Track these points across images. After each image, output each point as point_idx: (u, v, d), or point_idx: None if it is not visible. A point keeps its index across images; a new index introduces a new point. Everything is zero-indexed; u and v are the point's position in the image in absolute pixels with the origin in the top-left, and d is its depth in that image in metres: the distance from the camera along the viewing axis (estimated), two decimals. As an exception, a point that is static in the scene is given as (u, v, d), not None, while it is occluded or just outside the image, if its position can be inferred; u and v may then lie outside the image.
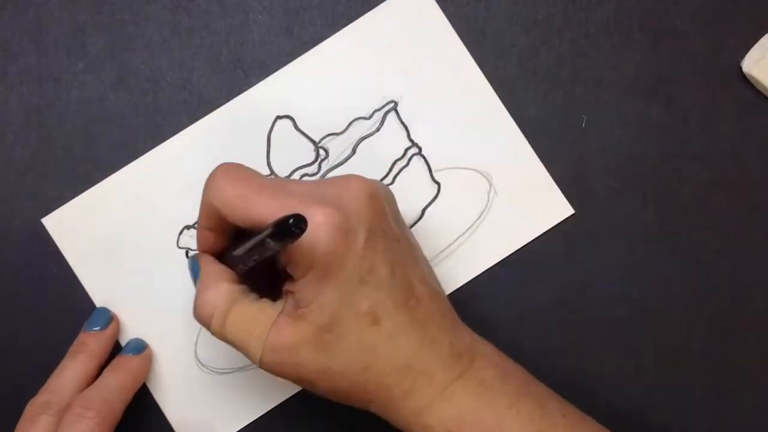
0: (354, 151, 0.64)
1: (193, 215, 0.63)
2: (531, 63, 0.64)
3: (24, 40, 0.64)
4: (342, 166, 0.64)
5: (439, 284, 0.57)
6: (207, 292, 0.55)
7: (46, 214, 0.63)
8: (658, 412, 0.63)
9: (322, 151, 0.64)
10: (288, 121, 0.64)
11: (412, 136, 0.64)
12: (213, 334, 0.55)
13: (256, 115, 0.64)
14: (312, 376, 0.53)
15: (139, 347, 0.63)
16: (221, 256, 0.57)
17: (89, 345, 0.62)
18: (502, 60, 0.64)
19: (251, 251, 0.52)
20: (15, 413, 0.59)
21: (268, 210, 0.51)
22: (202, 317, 0.55)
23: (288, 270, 0.53)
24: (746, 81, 0.64)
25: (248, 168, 0.55)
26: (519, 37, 0.65)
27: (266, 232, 0.48)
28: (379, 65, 0.64)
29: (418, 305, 0.54)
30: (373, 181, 0.54)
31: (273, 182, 0.54)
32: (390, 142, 0.64)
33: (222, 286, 0.55)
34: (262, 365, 0.54)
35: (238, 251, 0.54)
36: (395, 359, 0.53)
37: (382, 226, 0.53)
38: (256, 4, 0.64)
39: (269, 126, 0.64)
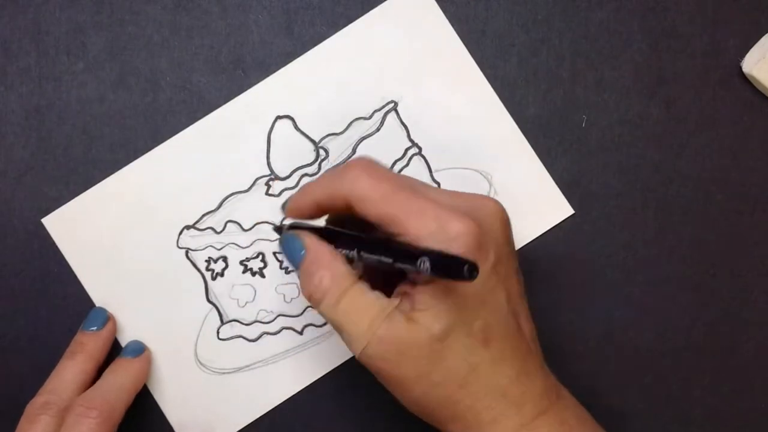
0: (354, 151, 0.64)
1: (192, 215, 0.63)
2: (531, 63, 0.64)
3: (24, 40, 0.64)
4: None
5: (533, 322, 0.57)
6: (324, 269, 0.54)
7: (46, 214, 0.63)
8: (658, 412, 0.63)
9: (322, 151, 0.64)
10: (288, 121, 0.64)
11: (412, 136, 0.64)
12: (322, 311, 0.54)
13: (256, 115, 0.64)
14: (409, 379, 0.53)
15: (138, 349, 0.63)
16: (330, 239, 0.55)
17: (87, 345, 0.62)
18: (502, 60, 0.64)
19: (381, 261, 0.52)
20: (15, 413, 0.59)
21: (405, 212, 0.51)
22: (315, 293, 0.54)
23: (411, 275, 0.52)
24: (746, 81, 0.64)
25: (383, 165, 0.55)
26: (519, 37, 0.65)
27: (425, 261, 0.48)
28: (379, 65, 0.64)
29: (522, 337, 0.54)
30: (504, 207, 0.55)
31: (412, 185, 0.54)
32: (390, 142, 0.64)
33: (340, 266, 0.54)
34: (363, 355, 0.53)
35: (370, 257, 0.53)
36: (494, 384, 0.53)
37: (507, 254, 0.54)
38: (256, 4, 0.64)
39: (269, 126, 0.64)
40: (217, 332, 0.64)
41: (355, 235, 0.55)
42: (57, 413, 0.58)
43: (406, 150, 0.64)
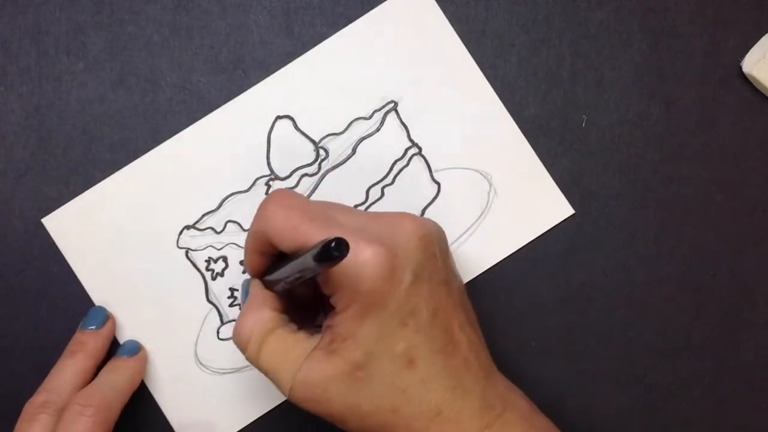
0: (354, 151, 0.64)
1: (192, 215, 0.63)
2: (531, 63, 0.64)
3: (24, 40, 0.64)
4: (342, 166, 0.64)
5: (477, 329, 0.57)
6: (248, 316, 0.55)
7: (46, 214, 0.63)
8: (658, 412, 0.63)
9: (322, 151, 0.64)
10: (288, 121, 0.64)
11: (412, 136, 0.64)
12: (247, 359, 0.55)
13: (256, 115, 0.64)
14: (341, 414, 0.53)
15: (134, 349, 0.63)
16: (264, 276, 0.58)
17: (87, 344, 0.62)
18: (502, 60, 0.64)
19: (293, 270, 0.52)
20: (15, 413, 0.59)
21: (314, 241, 0.51)
22: (239, 341, 0.55)
23: (331, 301, 0.53)
24: (746, 81, 0.64)
25: (300, 197, 0.55)
26: (519, 37, 0.64)
27: (309, 253, 0.48)
28: (379, 65, 0.64)
29: (456, 352, 0.53)
30: (425, 222, 0.54)
31: (324, 213, 0.54)
32: (390, 142, 0.64)
33: (264, 312, 0.55)
34: (291, 398, 0.54)
35: (282, 270, 0.54)
36: (426, 404, 0.52)
37: (430, 270, 0.53)
38: (256, 4, 0.64)
39: (269, 126, 0.64)
40: (218, 332, 0.64)
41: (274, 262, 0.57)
42: (56, 412, 0.58)
43: (406, 150, 0.64)
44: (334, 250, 0.46)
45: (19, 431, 0.59)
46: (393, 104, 0.64)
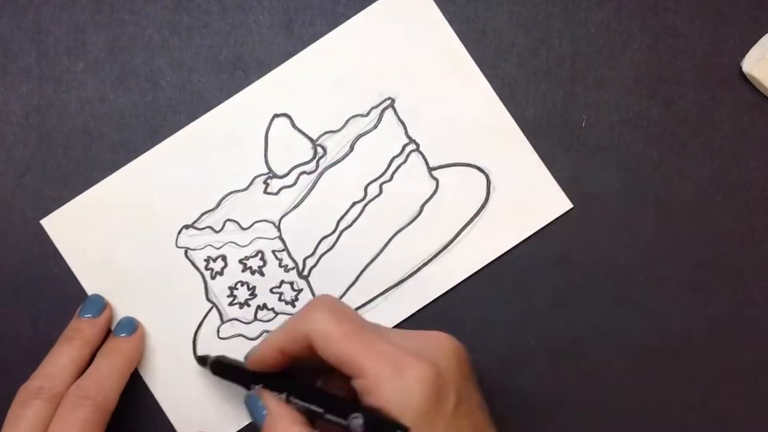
0: (352, 148, 0.64)
1: (191, 214, 0.63)
2: (531, 63, 0.64)
3: (24, 40, 0.64)
4: (340, 164, 0.64)
5: None
6: (282, 422, 0.54)
7: (46, 213, 0.63)
8: (658, 412, 0.63)
9: (319, 149, 0.64)
10: (285, 119, 0.64)
11: (409, 133, 0.64)
12: None
13: (253, 114, 0.64)
14: None
15: (131, 326, 0.63)
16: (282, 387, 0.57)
17: (84, 331, 0.62)
18: (502, 60, 0.64)
19: (332, 417, 0.53)
20: (15, 413, 0.59)
21: (365, 352, 0.52)
22: None
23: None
24: (746, 81, 0.64)
25: (346, 305, 0.56)
26: (519, 37, 0.65)
27: (358, 418, 0.49)
28: (376, 62, 0.64)
29: None
30: (457, 341, 0.54)
31: (374, 327, 0.54)
32: (388, 138, 0.64)
33: (294, 427, 0.53)
34: None
35: (299, 403, 0.54)
36: None
37: (468, 390, 0.53)
38: (256, 4, 0.65)
39: (267, 124, 0.64)
40: (217, 331, 0.64)
41: (288, 380, 0.56)
42: (50, 398, 0.58)
43: (404, 146, 0.64)
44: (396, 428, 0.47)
45: (12, 415, 0.58)
46: (390, 101, 0.64)
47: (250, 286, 0.64)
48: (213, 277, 0.64)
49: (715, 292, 0.64)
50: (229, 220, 0.63)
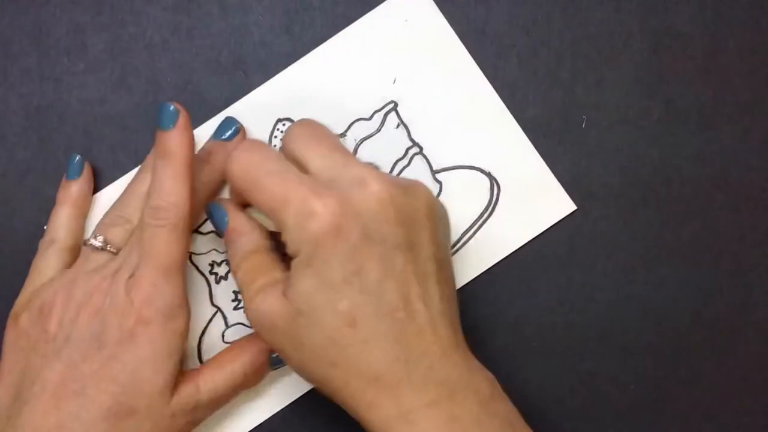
0: (355, 152, 0.64)
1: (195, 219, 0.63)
2: (531, 63, 0.64)
3: (24, 40, 0.64)
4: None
5: (449, 306, 0.55)
6: (241, 234, 0.58)
7: (47, 215, 0.63)
8: (658, 412, 0.63)
9: (323, 153, 0.64)
10: (289, 124, 0.64)
11: (412, 136, 0.64)
12: (231, 271, 0.59)
13: (256, 119, 0.64)
14: (285, 350, 0.54)
15: (174, 117, 0.59)
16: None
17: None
18: (502, 60, 0.64)
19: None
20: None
21: (269, 198, 0.53)
22: (228, 247, 0.59)
23: (286, 249, 0.54)
24: (746, 81, 0.64)
25: (267, 149, 0.57)
26: (519, 37, 0.65)
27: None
28: (378, 66, 0.64)
29: (409, 321, 0.52)
30: (396, 188, 0.54)
31: (286, 167, 0.55)
32: (391, 142, 0.64)
33: (255, 234, 0.58)
34: (248, 318, 0.56)
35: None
36: (365, 366, 0.52)
37: (386, 234, 0.53)
38: (257, 5, 0.64)
39: (270, 129, 0.64)
40: (222, 336, 0.64)
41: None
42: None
43: (407, 150, 0.64)
44: None
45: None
46: (393, 104, 0.64)
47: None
48: (217, 282, 0.64)
49: (716, 292, 0.64)
50: (233, 224, 0.63)
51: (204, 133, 0.63)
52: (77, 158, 0.63)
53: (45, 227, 0.63)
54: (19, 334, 0.59)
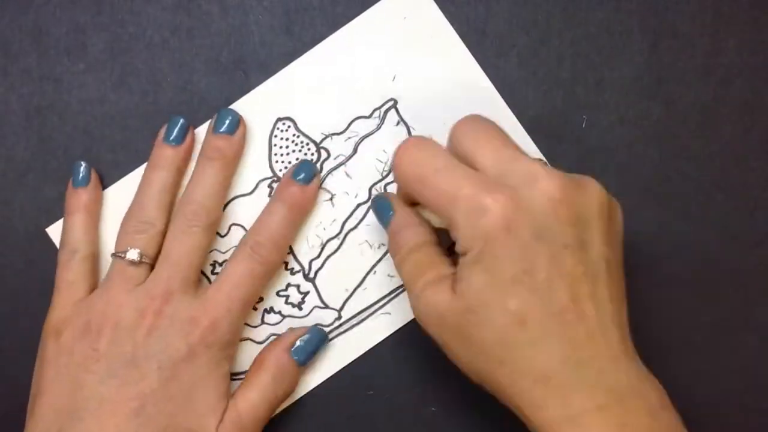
0: (355, 150, 0.64)
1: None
2: (531, 63, 0.64)
3: (25, 40, 0.64)
4: (344, 166, 0.64)
5: (620, 309, 0.55)
6: (408, 228, 0.58)
7: (47, 214, 0.63)
8: (658, 412, 0.63)
9: (323, 151, 0.64)
10: (289, 123, 0.64)
11: (413, 134, 0.64)
12: (395, 264, 0.58)
13: (256, 118, 0.64)
14: (453, 345, 0.54)
15: (310, 172, 0.63)
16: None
17: (224, 150, 0.63)
18: (503, 60, 0.64)
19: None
20: (15, 414, 0.60)
21: (438, 195, 0.53)
22: (393, 245, 0.58)
23: (455, 245, 0.54)
24: (746, 81, 0.64)
25: (435, 145, 0.56)
26: (519, 37, 0.65)
27: None
28: (378, 63, 0.64)
29: (578, 322, 0.52)
30: (570, 184, 0.53)
31: (454, 164, 0.54)
32: (391, 139, 0.64)
33: (421, 228, 0.58)
34: (414, 313, 0.56)
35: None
36: (534, 365, 0.51)
37: (556, 232, 0.52)
38: (256, 5, 0.64)
39: (270, 128, 0.64)
40: (225, 335, 0.64)
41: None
42: (208, 227, 0.61)
43: (408, 148, 0.64)
44: None
45: (172, 238, 0.61)
46: (393, 102, 0.64)
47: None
48: (219, 282, 0.64)
49: (716, 292, 0.64)
50: (234, 224, 0.63)
51: (202, 132, 0.64)
52: (83, 165, 0.63)
53: (48, 232, 0.63)
54: (61, 350, 0.59)
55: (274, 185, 0.63)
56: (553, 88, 0.64)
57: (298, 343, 0.62)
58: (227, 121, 0.62)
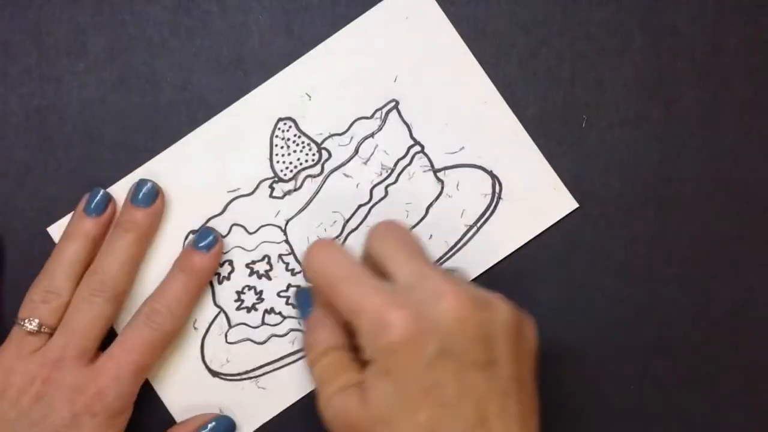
0: (357, 150, 0.64)
1: (197, 219, 0.63)
2: (531, 63, 0.64)
3: (25, 40, 0.64)
4: (345, 166, 0.64)
5: (528, 424, 0.54)
6: (322, 327, 0.58)
7: (47, 215, 0.63)
8: (658, 412, 0.63)
9: (324, 152, 0.64)
10: (290, 123, 0.64)
11: (414, 134, 0.64)
12: (307, 363, 0.58)
13: (257, 118, 0.64)
14: None
15: (211, 240, 0.63)
16: None
17: (140, 223, 0.62)
18: (502, 60, 0.64)
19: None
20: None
21: (344, 304, 0.53)
22: (306, 344, 0.59)
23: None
24: (746, 80, 0.64)
25: (341, 251, 0.56)
26: (519, 37, 0.65)
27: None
28: (379, 64, 0.64)
29: None
30: (475, 303, 0.53)
31: (359, 273, 0.54)
32: (392, 140, 0.64)
33: (336, 330, 0.57)
34: (322, 416, 0.55)
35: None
36: None
37: (463, 350, 0.52)
38: (256, 5, 0.64)
39: (271, 128, 0.64)
40: (225, 336, 0.64)
41: None
42: (113, 298, 0.60)
43: (409, 148, 0.64)
44: None
45: (74, 305, 0.60)
46: (394, 103, 0.64)
47: (257, 291, 0.64)
48: (220, 282, 0.64)
49: (716, 292, 0.64)
50: (235, 224, 0.63)
51: (204, 134, 0.64)
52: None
53: (49, 231, 0.63)
54: None
55: (275, 186, 0.63)
56: (553, 88, 0.64)
57: (202, 430, 0.62)
58: (144, 192, 0.62)
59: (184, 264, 0.62)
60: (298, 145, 0.64)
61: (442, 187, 0.64)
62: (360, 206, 0.64)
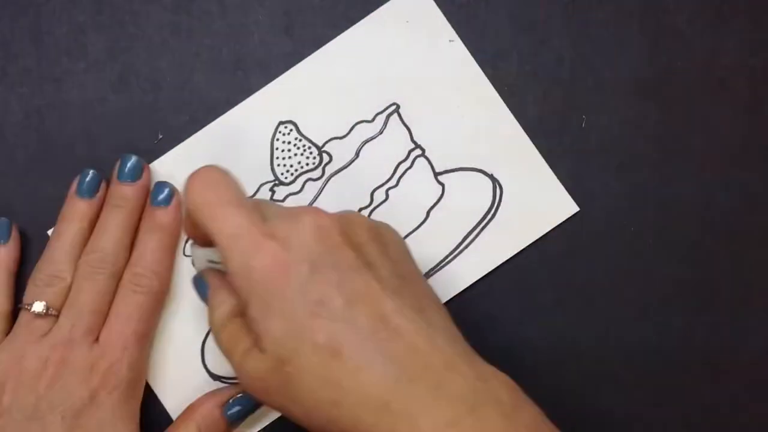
0: (357, 154, 0.64)
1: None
2: (531, 63, 0.64)
3: (24, 40, 0.64)
4: (346, 170, 0.64)
5: (437, 315, 0.52)
6: (214, 300, 0.56)
7: (47, 215, 0.63)
8: (658, 413, 0.64)
9: (325, 155, 0.64)
10: (291, 126, 0.64)
11: (415, 138, 0.64)
12: (214, 339, 0.55)
13: (258, 122, 0.64)
14: (285, 407, 0.51)
15: (169, 196, 0.63)
16: None
17: (129, 198, 0.62)
18: (502, 60, 0.64)
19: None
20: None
21: (220, 229, 0.52)
22: (209, 322, 0.56)
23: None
24: (746, 80, 0.64)
25: (227, 177, 0.54)
26: (519, 37, 0.65)
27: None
28: (380, 68, 0.64)
29: (394, 338, 0.49)
30: (335, 216, 0.52)
31: (241, 202, 0.53)
32: (393, 144, 0.64)
33: (228, 298, 0.55)
34: (242, 386, 0.56)
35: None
36: (367, 395, 0.48)
37: (334, 258, 0.50)
38: (256, 5, 0.64)
39: (272, 132, 0.64)
40: (225, 340, 0.64)
41: None
42: (113, 275, 0.60)
43: (410, 152, 0.64)
44: None
45: (77, 286, 0.60)
46: (395, 106, 0.64)
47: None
48: (220, 282, 0.64)
49: (715, 292, 0.64)
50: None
51: (205, 137, 0.64)
52: (5, 222, 0.63)
53: (49, 234, 0.63)
54: None
55: (276, 189, 0.63)
56: (553, 88, 0.64)
57: (232, 401, 0.61)
58: (129, 167, 0.62)
59: (150, 224, 0.62)
60: (299, 148, 0.64)
61: (443, 191, 0.64)
62: (361, 209, 0.64)
